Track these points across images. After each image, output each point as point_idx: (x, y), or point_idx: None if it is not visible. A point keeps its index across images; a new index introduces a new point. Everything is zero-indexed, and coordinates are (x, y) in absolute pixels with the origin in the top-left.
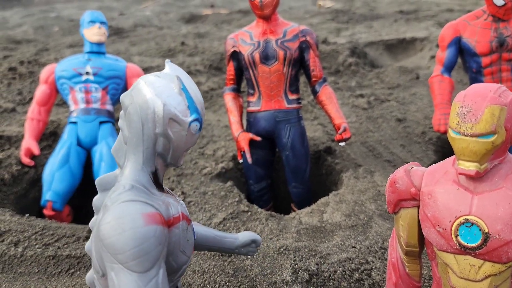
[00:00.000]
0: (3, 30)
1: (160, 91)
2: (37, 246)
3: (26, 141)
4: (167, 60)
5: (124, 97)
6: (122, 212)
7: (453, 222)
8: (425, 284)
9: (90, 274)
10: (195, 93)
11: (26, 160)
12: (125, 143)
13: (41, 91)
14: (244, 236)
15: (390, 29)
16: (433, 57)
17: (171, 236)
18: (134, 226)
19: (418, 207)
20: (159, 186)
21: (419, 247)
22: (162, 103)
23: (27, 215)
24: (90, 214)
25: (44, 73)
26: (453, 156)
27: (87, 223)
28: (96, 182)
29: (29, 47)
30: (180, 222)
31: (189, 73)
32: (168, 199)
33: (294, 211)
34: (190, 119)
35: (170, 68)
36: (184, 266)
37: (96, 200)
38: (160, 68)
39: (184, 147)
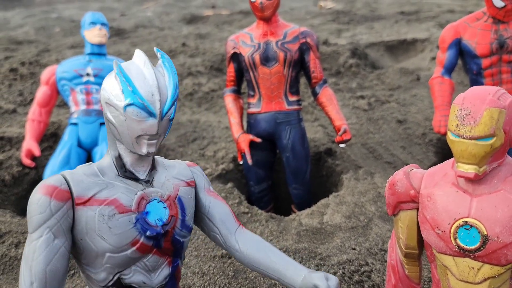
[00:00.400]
0: (5, 31)
1: (106, 78)
2: None
3: (26, 142)
4: (137, 49)
5: None
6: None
7: (452, 225)
8: (424, 286)
9: None
10: (142, 78)
11: (27, 161)
12: None
13: (42, 92)
14: (309, 277)
15: (391, 30)
16: (434, 58)
17: (81, 214)
18: (33, 192)
19: (418, 209)
20: (125, 170)
21: (419, 249)
22: (102, 88)
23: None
24: None
25: (45, 74)
26: (452, 159)
27: None
28: None
29: (30, 48)
30: (100, 206)
31: (190, 74)
32: (117, 183)
33: (295, 212)
34: (123, 103)
35: (134, 55)
36: (109, 254)
37: None
38: None
39: (130, 134)
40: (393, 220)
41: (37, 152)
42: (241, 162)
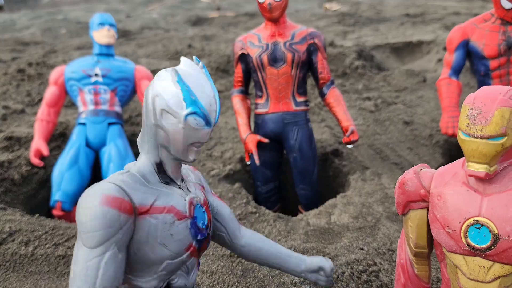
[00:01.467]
0: (11, 32)
1: (157, 83)
2: (47, 246)
3: (35, 142)
4: (183, 57)
5: (145, 90)
6: (92, 190)
7: (463, 224)
8: (432, 286)
9: None
10: (202, 87)
11: (35, 160)
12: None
13: (50, 92)
14: (311, 260)
15: (397, 32)
16: (440, 60)
17: (143, 223)
18: (91, 203)
19: (427, 208)
20: (167, 177)
21: (428, 249)
22: (156, 95)
23: (37, 215)
24: None
25: (53, 74)
26: (462, 158)
27: None
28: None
29: (37, 49)
30: (162, 214)
31: None
32: (165, 190)
33: (301, 212)
34: (185, 112)
35: (182, 63)
36: (168, 261)
37: None
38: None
39: (184, 141)
40: (400, 220)
41: (45, 151)
42: (248, 163)
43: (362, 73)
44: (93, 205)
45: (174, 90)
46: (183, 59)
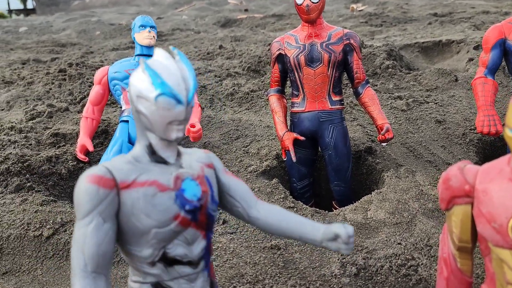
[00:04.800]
0: (48, 34)
1: (133, 74)
2: None
3: (81, 138)
4: (158, 47)
5: None
6: (83, 173)
7: (510, 219)
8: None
9: None
10: (167, 70)
11: (81, 156)
12: None
13: (94, 91)
14: (328, 228)
15: (425, 31)
16: (471, 59)
17: (126, 197)
18: (79, 183)
19: (472, 204)
20: (157, 157)
21: (472, 243)
22: (130, 84)
23: None
24: None
25: (97, 74)
26: (507, 155)
27: None
28: None
29: (74, 50)
30: (143, 187)
31: (229, 75)
32: (152, 167)
33: (336, 208)
34: (154, 94)
35: (155, 53)
36: (156, 229)
37: None
38: (200, 70)
39: (161, 121)
40: (437, 216)
41: (91, 147)
42: (285, 159)
43: (393, 73)
44: (79, 184)
45: (143, 77)
46: (156, 49)
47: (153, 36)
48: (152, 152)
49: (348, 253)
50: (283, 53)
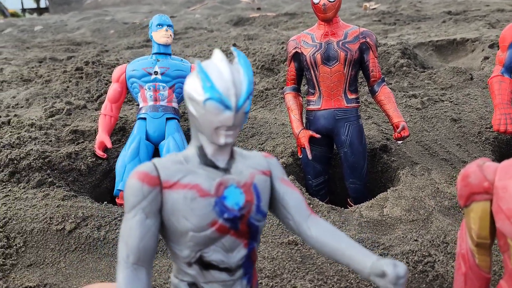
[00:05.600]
0: (63, 33)
1: (189, 75)
2: (117, 231)
3: (99, 135)
4: (216, 49)
5: None
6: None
7: None
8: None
9: None
10: (219, 74)
11: (100, 152)
12: None
13: (113, 89)
14: (377, 264)
15: (439, 30)
16: (486, 58)
17: (167, 197)
18: (129, 177)
19: (490, 200)
20: (206, 159)
21: (490, 239)
22: (186, 84)
23: (105, 202)
24: None
25: (115, 72)
26: None
27: None
28: None
29: (89, 48)
30: (184, 190)
31: None
32: (198, 170)
33: (350, 205)
34: (203, 97)
35: (213, 54)
36: (192, 233)
37: None
38: None
39: (209, 125)
40: (453, 214)
41: (109, 144)
42: (300, 157)
43: (407, 71)
44: (129, 179)
45: (195, 80)
46: (215, 51)
47: (170, 35)
48: (202, 154)
49: None
50: (300, 51)
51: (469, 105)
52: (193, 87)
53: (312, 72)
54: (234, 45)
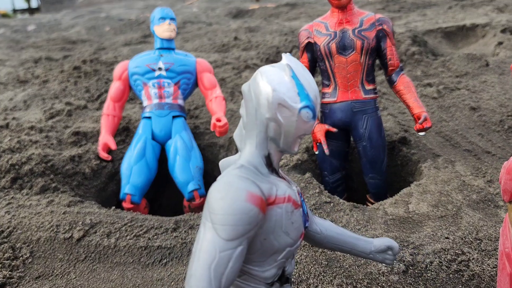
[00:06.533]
0: (58, 32)
1: (271, 78)
2: (128, 237)
3: (103, 136)
4: (284, 53)
5: (243, 87)
6: (232, 181)
7: None
8: None
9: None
10: (308, 82)
11: (104, 155)
12: (244, 129)
13: (115, 87)
14: (379, 241)
15: (446, 16)
16: (500, 43)
17: (271, 214)
18: (235, 197)
19: None
20: (272, 169)
21: None
22: (272, 89)
23: (113, 207)
24: (164, 207)
25: (117, 70)
26: None
27: (162, 215)
28: (219, 163)
29: (85, 46)
30: (285, 204)
31: (247, 67)
32: (277, 181)
33: (371, 202)
34: (300, 105)
35: (286, 59)
36: (289, 248)
37: None
38: (217, 62)
39: (295, 133)
40: (483, 208)
41: (113, 145)
42: (316, 152)
43: (419, 59)
44: (238, 200)
45: (290, 85)
46: (285, 55)
47: (174, 29)
48: (270, 163)
49: (390, 264)
50: (312, 41)
51: (487, 93)
52: (288, 93)
53: (326, 62)
54: (236, 38)
